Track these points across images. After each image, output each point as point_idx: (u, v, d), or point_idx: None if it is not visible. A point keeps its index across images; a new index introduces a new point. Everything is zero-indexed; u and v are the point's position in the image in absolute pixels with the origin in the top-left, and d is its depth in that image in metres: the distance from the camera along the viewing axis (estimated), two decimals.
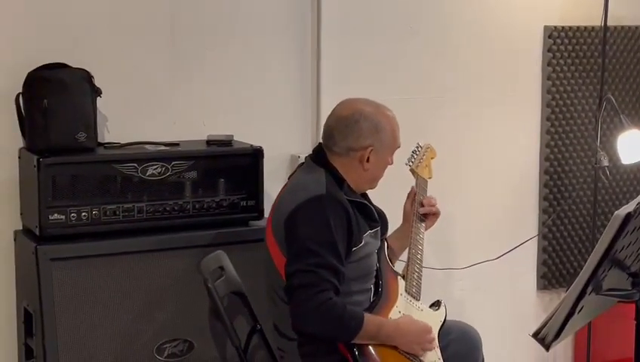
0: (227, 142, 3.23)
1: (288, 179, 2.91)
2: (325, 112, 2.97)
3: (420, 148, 3.11)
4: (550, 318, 2.17)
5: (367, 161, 2.74)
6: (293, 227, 2.63)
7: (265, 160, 3.18)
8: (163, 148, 3.13)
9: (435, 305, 2.92)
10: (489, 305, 4.02)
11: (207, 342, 3.00)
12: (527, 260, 4.12)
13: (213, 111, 3.41)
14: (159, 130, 3.28)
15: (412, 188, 3.04)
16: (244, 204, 3.16)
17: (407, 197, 3.04)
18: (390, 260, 2.90)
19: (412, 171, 3.06)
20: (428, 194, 3.03)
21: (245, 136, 3.29)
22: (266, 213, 2.99)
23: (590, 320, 3.60)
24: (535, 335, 2.20)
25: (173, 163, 3.06)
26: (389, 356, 2.65)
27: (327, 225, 2.59)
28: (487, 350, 2.99)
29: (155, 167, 3.03)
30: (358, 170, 2.75)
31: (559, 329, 2.15)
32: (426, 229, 2.99)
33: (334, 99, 2.91)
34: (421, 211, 2.97)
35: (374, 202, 2.91)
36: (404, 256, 2.96)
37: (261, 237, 2.83)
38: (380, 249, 2.84)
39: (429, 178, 3.08)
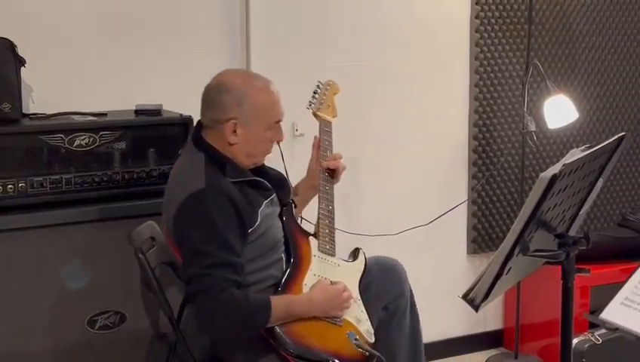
0: (156, 111, 3.19)
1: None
2: None
3: (320, 87, 3.00)
4: (479, 280, 2.19)
5: (235, 134, 2.64)
6: (180, 230, 2.58)
7: None
8: (90, 118, 3.07)
9: (353, 254, 2.90)
10: (421, 269, 4.03)
11: (139, 313, 2.96)
12: (458, 225, 4.17)
13: (142, 81, 3.36)
14: (86, 100, 3.22)
15: (315, 137, 2.95)
16: None
17: (312, 147, 2.95)
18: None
19: (314, 115, 2.96)
20: (333, 137, 2.94)
21: (174, 105, 3.25)
22: None
23: (518, 281, 3.68)
24: (465, 296, 2.21)
25: (101, 133, 3.01)
26: (310, 326, 2.63)
27: (212, 221, 2.51)
28: (421, 313, 3.00)
29: (83, 137, 2.98)
30: (227, 143, 2.65)
31: (488, 290, 2.17)
32: (333, 183, 2.91)
33: (265, 70, 2.88)
34: (324, 166, 2.88)
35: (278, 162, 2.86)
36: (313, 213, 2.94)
37: None
38: (286, 213, 2.79)
39: (334, 117, 2.96)
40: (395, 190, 3.97)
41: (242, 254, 2.59)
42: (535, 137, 3.94)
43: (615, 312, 2.38)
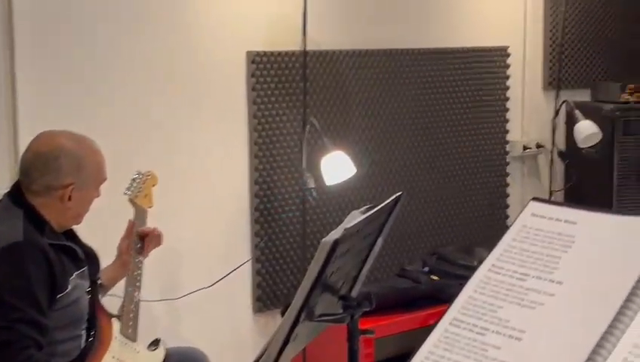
0: None
1: None
2: (24, 144, 2.79)
3: (139, 176, 3.01)
4: (267, 347, 2.16)
5: (70, 199, 2.59)
6: None
7: None
8: None
9: (154, 344, 2.83)
10: (208, 332, 3.98)
11: None
12: (243, 284, 4.13)
13: None
14: None
15: (129, 221, 2.93)
16: None
17: (126, 230, 2.92)
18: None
19: (131, 201, 2.95)
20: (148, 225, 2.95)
21: None
22: None
23: (305, 346, 3.68)
24: None
25: None
26: None
27: (25, 275, 2.42)
28: None
29: None
30: (59, 208, 2.60)
31: (276, 357, 2.15)
32: (144, 257, 2.89)
33: (35, 130, 2.74)
34: (140, 231, 2.87)
35: (88, 236, 2.78)
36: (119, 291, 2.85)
37: None
38: (93, 290, 2.71)
39: (150, 207, 2.99)
40: (176, 252, 3.88)
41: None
42: (315, 193, 3.98)
43: None
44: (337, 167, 3.98)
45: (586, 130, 4.75)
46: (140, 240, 2.90)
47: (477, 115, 4.88)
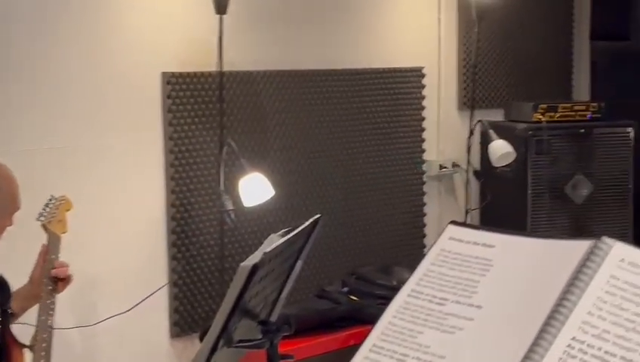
0: None
1: None
2: None
3: (53, 201, 2.94)
4: None
5: None
6: None
7: None
8: None
9: None
10: (125, 359, 3.90)
11: None
12: (160, 309, 4.06)
13: None
14: None
15: (43, 245, 2.85)
16: None
17: (39, 256, 2.84)
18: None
19: (44, 227, 2.87)
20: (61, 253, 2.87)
21: None
22: None
23: None
24: None
25: None
26: None
27: None
28: None
29: None
30: None
31: None
32: (57, 293, 2.82)
33: None
34: (52, 274, 2.80)
35: None
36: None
37: None
38: (3, 320, 2.63)
39: (64, 233, 2.92)
40: (91, 278, 3.79)
41: None
42: (233, 215, 3.94)
43: None
44: (255, 189, 3.96)
45: (500, 150, 4.83)
46: (52, 281, 2.82)
47: (394, 135, 4.92)
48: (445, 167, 5.17)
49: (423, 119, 5.06)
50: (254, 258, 2.02)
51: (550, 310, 1.19)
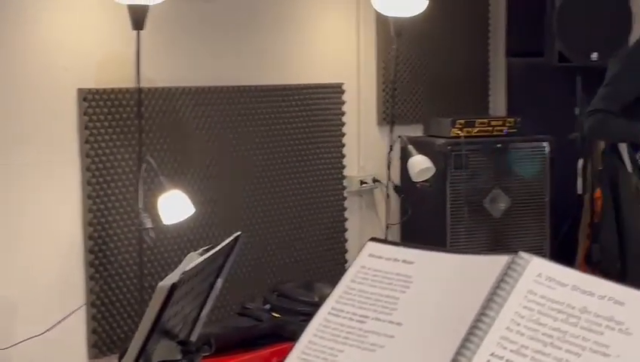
0: None
1: None
2: None
3: None
4: None
5: None
6: None
7: None
8: None
9: None
10: None
11: None
12: (78, 330, 3.98)
13: None
14: None
15: None
16: None
17: None
18: None
19: None
20: None
21: None
22: None
23: None
24: None
25: None
26: None
27: None
28: None
29: None
30: None
31: None
32: None
33: None
34: None
35: None
36: None
37: None
38: None
39: None
40: (6, 299, 3.70)
41: None
42: (152, 233, 3.89)
43: None
44: (175, 207, 3.91)
45: (420, 165, 4.87)
46: None
47: (314, 150, 4.92)
48: (366, 183, 5.19)
49: (344, 135, 5.08)
50: (172, 277, 1.97)
51: (469, 326, 1.20)
